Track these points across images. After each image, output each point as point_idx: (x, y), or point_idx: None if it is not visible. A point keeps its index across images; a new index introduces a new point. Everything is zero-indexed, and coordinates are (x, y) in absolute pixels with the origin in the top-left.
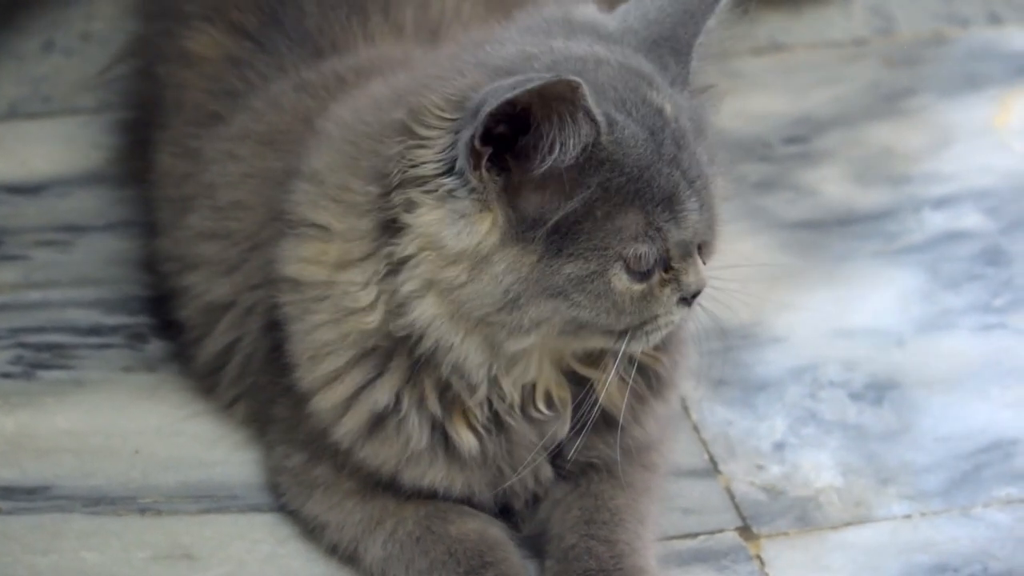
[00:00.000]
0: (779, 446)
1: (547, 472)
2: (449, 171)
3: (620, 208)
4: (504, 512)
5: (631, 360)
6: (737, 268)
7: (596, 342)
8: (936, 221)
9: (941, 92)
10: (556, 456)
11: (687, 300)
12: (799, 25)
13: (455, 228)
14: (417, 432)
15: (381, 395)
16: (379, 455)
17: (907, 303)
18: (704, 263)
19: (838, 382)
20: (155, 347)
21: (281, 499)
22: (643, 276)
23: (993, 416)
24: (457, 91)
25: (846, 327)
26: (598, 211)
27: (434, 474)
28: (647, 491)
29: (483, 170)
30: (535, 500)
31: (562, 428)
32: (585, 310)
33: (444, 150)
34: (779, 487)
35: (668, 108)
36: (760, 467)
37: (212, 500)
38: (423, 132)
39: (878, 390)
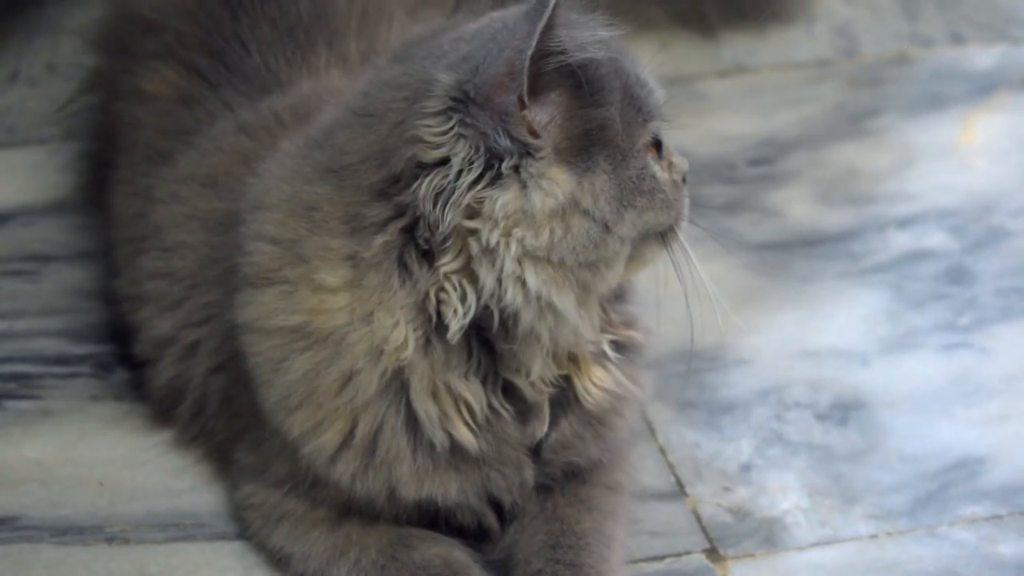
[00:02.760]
0: (745, 467)
1: (530, 472)
2: (492, 156)
3: (622, 102)
4: (474, 534)
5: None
6: (703, 289)
7: (651, 254)
8: (900, 241)
9: (905, 112)
10: (537, 458)
11: (684, 182)
12: (764, 47)
13: (538, 194)
14: (421, 447)
15: (395, 420)
16: (378, 481)
17: (872, 323)
18: None
19: (804, 403)
20: (121, 376)
21: (247, 531)
22: (661, 163)
23: (958, 435)
24: (444, 92)
25: (811, 348)
26: (611, 112)
27: (432, 484)
28: (612, 514)
29: (527, 125)
30: (512, 513)
31: (542, 424)
32: (649, 212)
33: (474, 145)
34: (746, 508)
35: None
36: (727, 489)
37: (179, 529)
38: (436, 154)
39: (843, 410)
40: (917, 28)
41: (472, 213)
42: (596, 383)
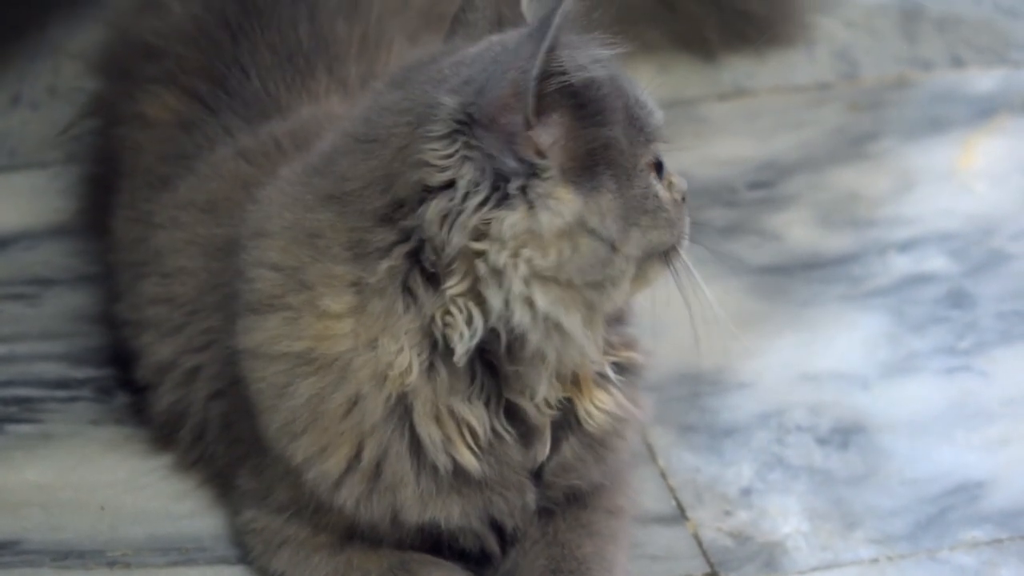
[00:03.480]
0: (746, 491)
1: (532, 495)
2: (498, 177)
3: (623, 121)
4: (475, 559)
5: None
6: (703, 313)
7: (654, 273)
8: (901, 264)
9: (905, 135)
10: (539, 482)
11: (684, 201)
12: (764, 70)
13: (546, 214)
14: (425, 471)
15: (399, 445)
16: (382, 505)
17: (873, 347)
18: None
19: (804, 427)
20: (122, 400)
21: (248, 556)
22: (662, 183)
23: (958, 459)
24: (448, 115)
25: (812, 371)
26: (612, 131)
27: (435, 507)
28: (614, 538)
29: (532, 147)
30: (514, 537)
31: (543, 447)
32: (652, 231)
33: (480, 167)
34: (746, 532)
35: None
36: (727, 513)
37: (180, 553)
38: (442, 177)
39: (844, 434)
40: (917, 51)
41: (479, 235)
42: (598, 405)
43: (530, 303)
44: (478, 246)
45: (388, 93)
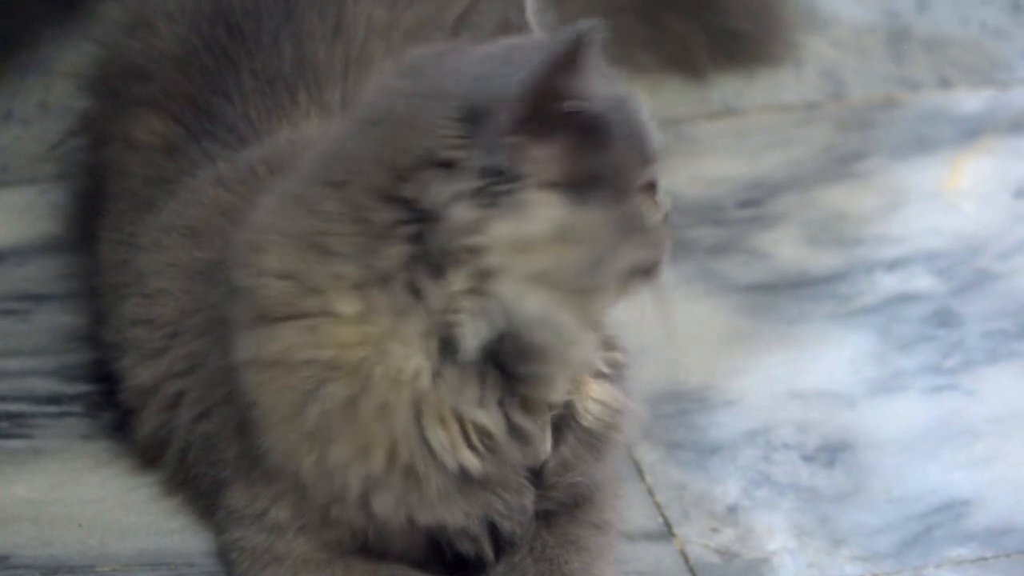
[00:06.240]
0: (733, 508)
1: (530, 497)
2: (495, 178)
3: (621, 140)
4: (466, 568)
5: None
6: (690, 331)
7: (634, 288)
8: (888, 283)
9: (892, 155)
10: (540, 483)
11: (667, 221)
12: (752, 89)
13: (537, 220)
14: (439, 471)
15: (410, 449)
16: (401, 508)
17: (859, 365)
18: None
19: (791, 444)
20: (113, 415)
21: (233, 574)
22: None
23: (944, 477)
24: (456, 103)
25: (799, 389)
26: (612, 149)
27: (443, 508)
28: (601, 554)
29: (523, 153)
30: (510, 542)
31: (543, 446)
32: (639, 249)
33: (478, 159)
34: (733, 549)
35: None
36: (714, 529)
37: (170, 568)
38: (446, 154)
39: (831, 452)
40: (905, 72)
41: (474, 231)
42: (594, 397)
43: (523, 304)
44: (474, 241)
45: (397, 81)
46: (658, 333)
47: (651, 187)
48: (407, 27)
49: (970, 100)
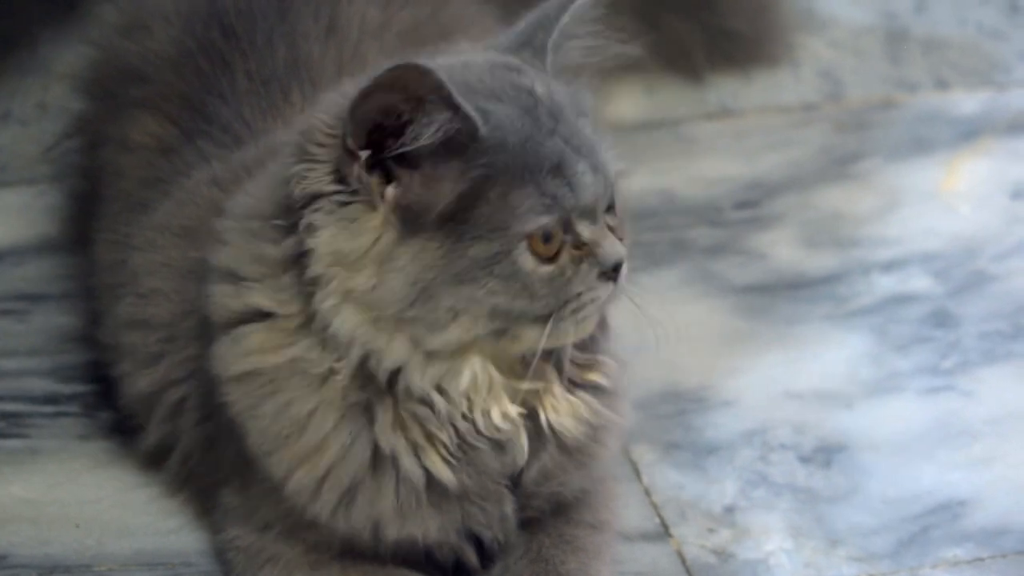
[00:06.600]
0: (729, 509)
1: (511, 506)
2: (339, 188)
3: (511, 186)
4: (460, 572)
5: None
6: (688, 332)
7: (525, 335)
8: (885, 284)
9: (890, 156)
10: (519, 491)
11: (608, 275)
12: (750, 90)
13: (348, 234)
14: (401, 482)
15: (363, 453)
16: (360, 518)
17: (856, 366)
18: (620, 239)
19: (788, 445)
20: (110, 415)
21: (230, 573)
22: (551, 257)
23: (940, 478)
24: (339, 106)
25: (796, 390)
26: (491, 192)
27: (413, 522)
28: (598, 554)
29: (362, 169)
30: (493, 550)
31: (520, 454)
32: (498, 295)
33: (332, 165)
34: (729, 550)
35: (538, 88)
36: (711, 530)
37: (167, 568)
38: (314, 151)
39: (827, 453)
40: (902, 73)
41: (311, 237)
42: (568, 414)
43: (335, 318)
44: (309, 243)
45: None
46: (655, 334)
47: (546, 237)
48: (401, 28)
49: (967, 101)
